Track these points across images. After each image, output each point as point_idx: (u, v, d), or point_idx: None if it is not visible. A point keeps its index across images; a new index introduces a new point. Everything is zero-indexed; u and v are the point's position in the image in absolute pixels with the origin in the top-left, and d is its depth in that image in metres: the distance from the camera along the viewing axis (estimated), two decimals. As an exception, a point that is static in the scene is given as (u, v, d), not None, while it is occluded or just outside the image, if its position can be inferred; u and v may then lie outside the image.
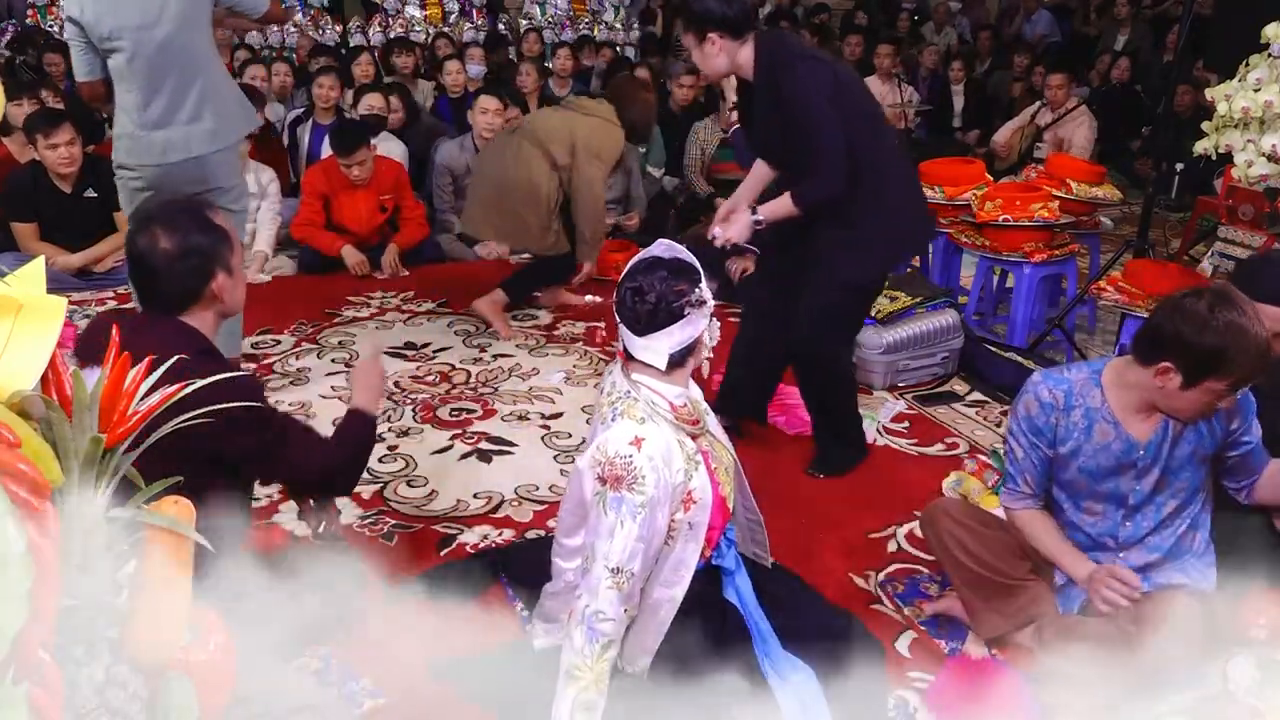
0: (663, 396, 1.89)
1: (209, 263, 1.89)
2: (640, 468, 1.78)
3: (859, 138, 2.70)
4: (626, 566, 1.78)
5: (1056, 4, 10.37)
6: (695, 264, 1.90)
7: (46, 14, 7.85)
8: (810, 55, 2.76)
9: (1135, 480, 2.09)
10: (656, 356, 1.86)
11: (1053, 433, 2.12)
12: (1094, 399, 2.08)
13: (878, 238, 2.85)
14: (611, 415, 1.88)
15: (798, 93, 2.66)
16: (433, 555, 2.62)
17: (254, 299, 4.53)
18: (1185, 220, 5.72)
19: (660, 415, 1.87)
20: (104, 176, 4.65)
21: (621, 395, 1.90)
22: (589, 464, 1.85)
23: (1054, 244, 4.20)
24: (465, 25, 8.87)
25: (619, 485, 1.79)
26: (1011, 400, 3.60)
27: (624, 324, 1.88)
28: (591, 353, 4.06)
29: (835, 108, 2.66)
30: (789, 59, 2.69)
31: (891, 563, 2.63)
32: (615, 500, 1.78)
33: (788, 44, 2.80)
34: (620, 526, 1.78)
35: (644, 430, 1.82)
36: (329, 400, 3.58)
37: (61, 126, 4.52)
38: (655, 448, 1.81)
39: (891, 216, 2.85)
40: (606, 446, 1.81)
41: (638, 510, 1.78)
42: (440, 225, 5.39)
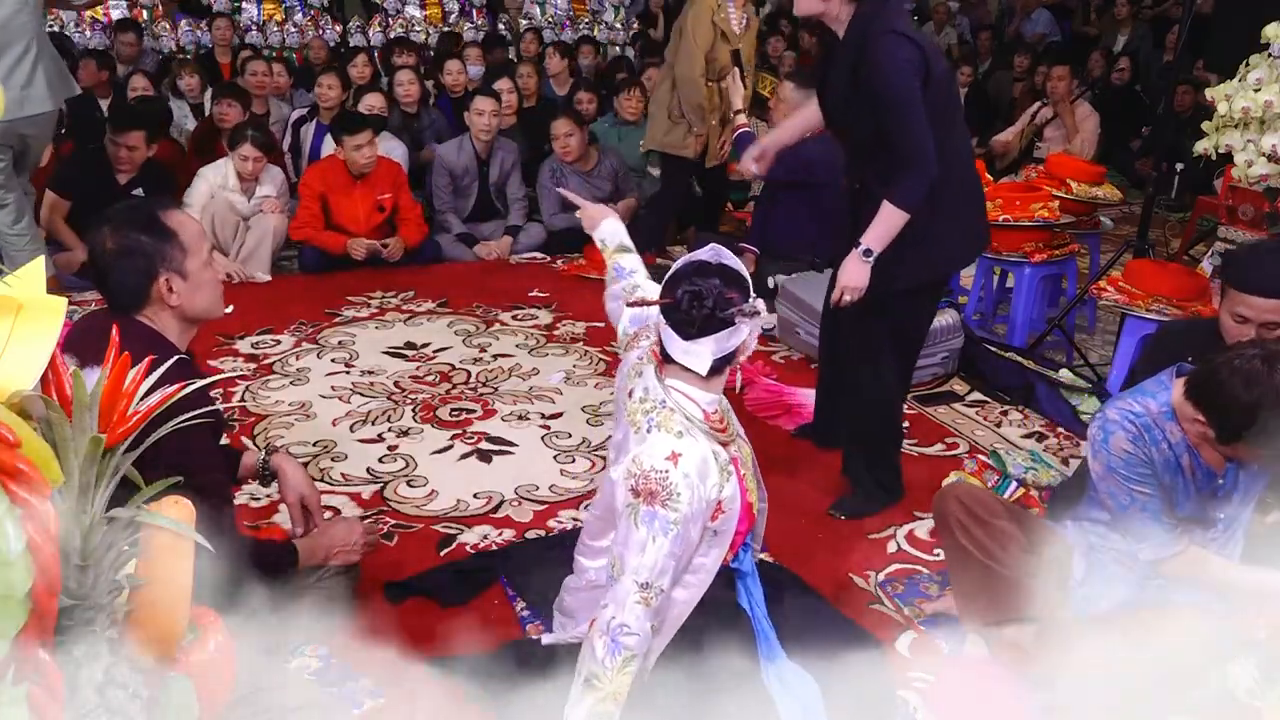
0: (696, 404, 1.84)
1: (151, 263, 1.87)
2: (676, 484, 1.74)
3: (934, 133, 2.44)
4: (656, 582, 1.75)
5: (1056, 4, 10.37)
6: (745, 272, 1.86)
7: (46, 14, 7.84)
8: (904, 30, 2.47)
9: (1218, 508, 2.03)
10: (699, 362, 1.81)
11: (1151, 465, 1.98)
12: (1174, 433, 1.97)
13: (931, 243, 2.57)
14: (647, 425, 1.84)
15: (883, 63, 2.41)
16: (433, 555, 2.62)
17: (254, 299, 4.58)
18: (1185, 220, 5.72)
19: (696, 426, 1.83)
20: (155, 177, 4.80)
21: (657, 405, 1.85)
22: (623, 475, 1.80)
23: (1054, 244, 4.20)
24: (465, 25, 8.87)
25: (653, 500, 1.75)
26: (1011, 401, 3.63)
27: (673, 326, 1.82)
28: (591, 353, 4.06)
29: (919, 90, 2.42)
30: (884, 28, 2.43)
31: (891, 563, 2.63)
32: (649, 515, 1.75)
33: (889, 14, 2.49)
34: (652, 542, 1.74)
35: (681, 445, 1.78)
36: (329, 400, 3.58)
37: (133, 132, 4.70)
38: (691, 463, 1.77)
39: (946, 224, 2.58)
40: (642, 460, 1.77)
41: (670, 526, 1.74)
42: (440, 225, 5.40)
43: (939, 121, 2.46)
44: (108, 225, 1.90)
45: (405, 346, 4.10)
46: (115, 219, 1.91)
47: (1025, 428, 3.47)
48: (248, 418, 3.45)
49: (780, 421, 3.44)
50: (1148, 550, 2.02)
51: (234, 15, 8.23)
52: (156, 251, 1.88)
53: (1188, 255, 4.89)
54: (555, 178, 5.45)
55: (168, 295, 1.89)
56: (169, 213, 1.95)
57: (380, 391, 3.66)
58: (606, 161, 5.54)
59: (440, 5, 8.97)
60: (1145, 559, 2.04)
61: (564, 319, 4.45)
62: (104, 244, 1.88)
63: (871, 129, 2.49)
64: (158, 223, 1.90)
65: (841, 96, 2.58)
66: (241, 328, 4.19)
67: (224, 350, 4.01)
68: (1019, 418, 3.54)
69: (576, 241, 5.33)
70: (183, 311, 1.92)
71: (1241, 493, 2.03)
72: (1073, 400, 3.55)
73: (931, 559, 2.61)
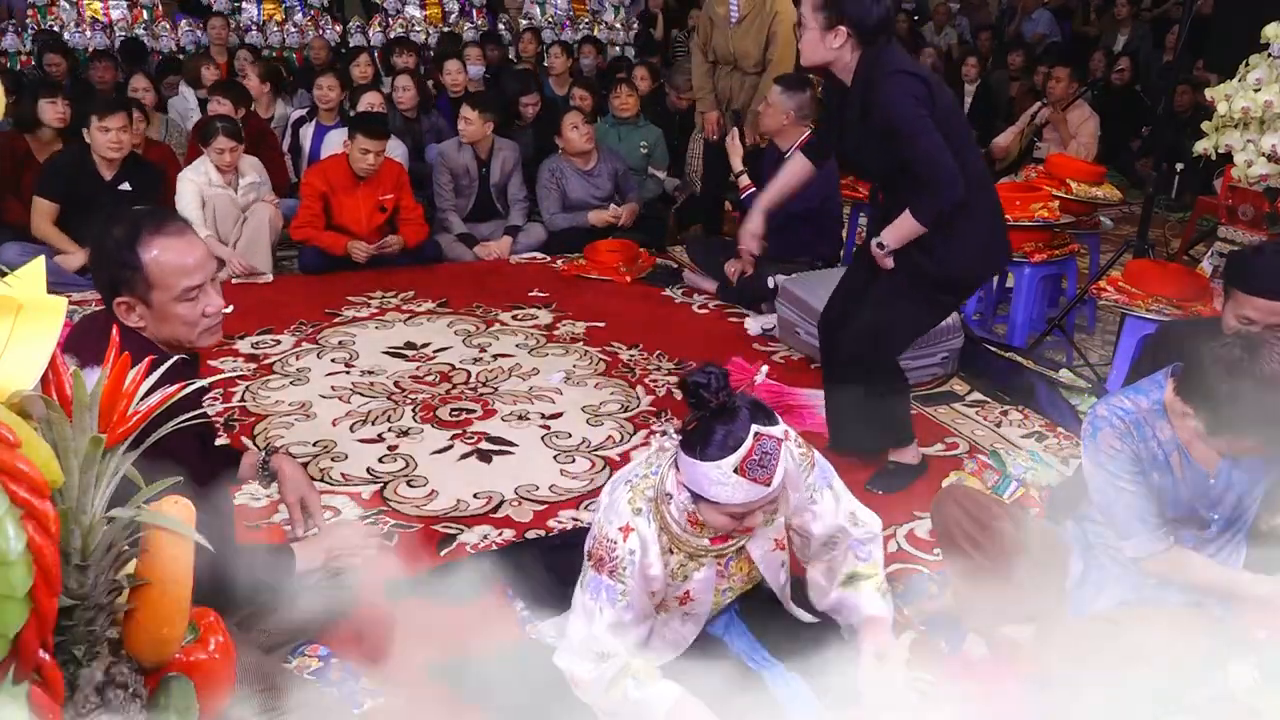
0: (682, 500, 1.77)
1: (114, 281, 1.82)
2: (622, 559, 1.75)
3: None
4: (611, 645, 1.76)
5: (1057, 4, 10.37)
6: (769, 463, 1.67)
7: (47, 14, 7.86)
8: (908, 69, 2.60)
9: (1211, 509, 2.01)
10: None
11: (1138, 462, 1.98)
12: (1164, 431, 1.97)
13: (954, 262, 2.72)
14: (626, 478, 1.84)
15: (893, 99, 2.52)
16: (433, 555, 2.62)
17: (254, 299, 4.58)
18: (1185, 220, 5.72)
19: (666, 511, 1.78)
20: (143, 173, 4.77)
21: (649, 471, 1.82)
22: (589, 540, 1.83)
23: (1054, 244, 4.20)
24: (465, 25, 8.87)
25: (601, 567, 1.77)
26: (1011, 401, 3.63)
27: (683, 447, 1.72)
28: (591, 353, 4.06)
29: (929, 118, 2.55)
30: (889, 69, 2.55)
31: (891, 563, 2.62)
32: (595, 583, 1.77)
33: (893, 56, 2.61)
34: (599, 613, 1.76)
35: (636, 521, 1.77)
36: (329, 400, 3.58)
37: (118, 113, 4.63)
38: (638, 542, 1.76)
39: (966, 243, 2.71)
40: (602, 525, 1.79)
41: (617, 598, 1.76)
42: (440, 225, 5.40)
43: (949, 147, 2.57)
44: (104, 224, 1.88)
45: (405, 346, 4.10)
46: (112, 219, 1.88)
47: (1025, 428, 3.47)
48: (248, 418, 3.45)
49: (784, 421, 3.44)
50: (1131, 547, 2.01)
51: (234, 15, 8.23)
52: (119, 273, 1.81)
53: (1188, 255, 4.90)
54: (556, 177, 5.45)
55: (127, 315, 1.83)
56: (156, 237, 1.81)
57: (380, 391, 3.66)
58: (607, 162, 5.54)
59: (440, 5, 8.96)
60: (1129, 556, 2.04)
61: (564, 319, 4.45)
62: (95, 240, 1.87)
63: (893, 165, 2.61)
64: (131, 243, 1.80)
65: (857, 139, 2.68)
66: (241, 328, 4.19)
67: (224, 350, 4.01)
68: (1019, 418, 3.54)
69: (576, 241, 5.34)
70: (150, 334, 1.86)
71: (1236, 494, 2.01)
72: (1073, 400, 3.55)
73: (931, 559, 2.61)
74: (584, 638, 1.78)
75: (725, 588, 1.93)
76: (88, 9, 7.94)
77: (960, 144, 2.65)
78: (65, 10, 7.85)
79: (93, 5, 7.97)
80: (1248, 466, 1.98)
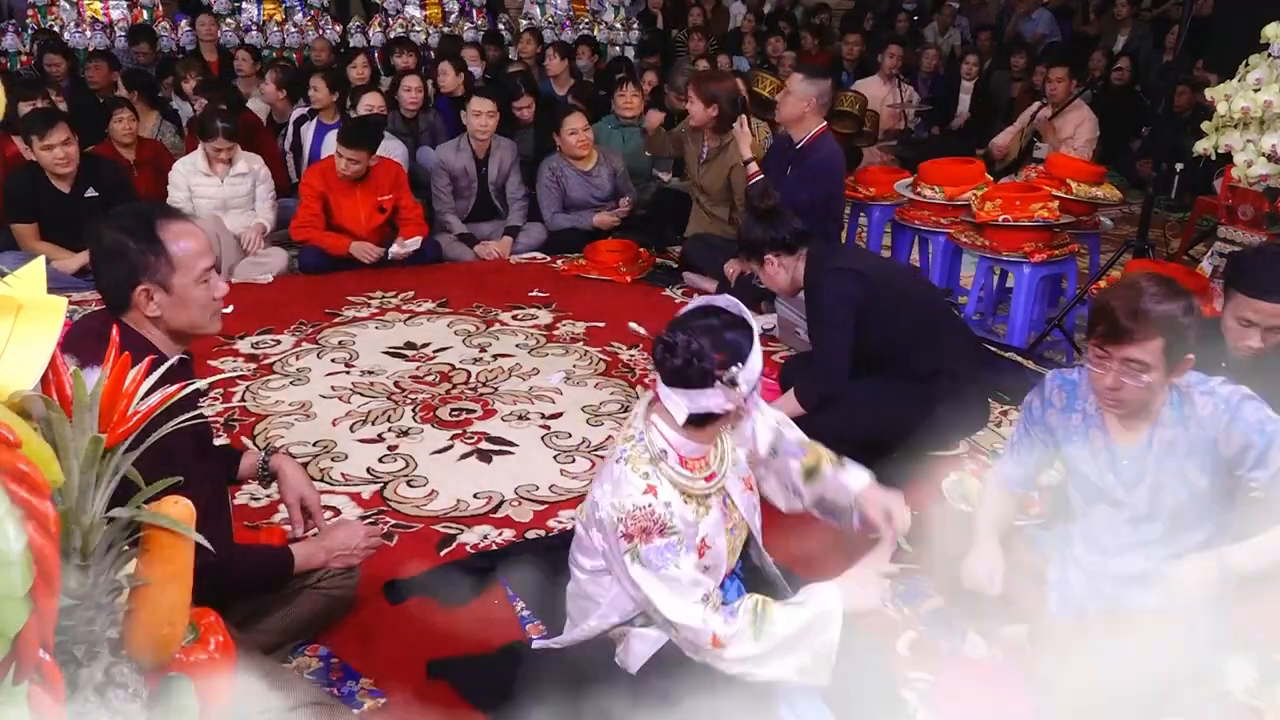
0: (672, 448, 1.83)
1: (132, 271, 1.83)
2: (660, 514, 1.77)
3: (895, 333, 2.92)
4: (704, 583, 1.80)
5: (1057, 4, 10.37)
6: (745, 340, 1.81)
7: (47, 14, 7.86)
8: (846, 268, 2.95)
9: (1126, 491, 2.04)
10: (676, 410, 1.80)
11: (1048, 431, 2.13)
12: (1091, 404, 2.06)
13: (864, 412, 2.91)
14: (620, 455, 1.85)
15: (823, 300, 2.96)
16: (433, 555, 2.62)
17: (254, 299, 4.58)
18: (1185, 220, 5.73)
19: (665, 467, 1.82)
20: (105, 176, 4.68)
21: (635, 436, 1.85)
22: (609, 523, 1.81)
23: (1054, 244, 4.20)
24: (465, 25, 8.86)
25: (649, 536, 1.77)
26: (1011, 401, 3.63)
27: (655, 365, 1.82)
28: (591, 353, 4.06)
29: (860, 314, 2.89)
30: (825, 269, 2.96)
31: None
32: (651, 551, 1.77)
33: (831, 255, 3.06)
34: (677, 568, 1.77)
35: (651, 481, 1.80)
36: (329, 400, 3.58)
37: (56, 127, 4.48)
38: (666, 493, 1.80)
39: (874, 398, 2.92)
40: (623, 503, 1.78)
41: (678, 547, 1.78)
42: (440, 225, 5.40)
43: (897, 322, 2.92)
44: (108, 223, 1.88)
45: (405, 346, 4.10)
46: (116, 217, 1.89)
47: (1025, 428, 3.46)
48: (248, 418, 3.45)
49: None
50: (992, 472, 2.30)
51: (234, 15, 8.23)
52: (140, 260, 1.83)
53: (1188, 255, 4.90)
54: (555, 177, 5.45)
55: (145, 305, 1.85)
56: (169, 223, 1.87)
57: (380, 391, 3.66)
58: (606, 162, 5.54)
59: (440, 5, 8.96)
60: (990, 485, 2.29)
61: (564, 319, 4.45)
62: (101, 240, 1.86)
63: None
64: (149, 230, 1.84)
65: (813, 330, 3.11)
66: (241, 328, 4.20)
67: (224, 350, 4.01)
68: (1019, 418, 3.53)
69: (576, 241, 5.34)
70: (164, 324, 1.88)
71: (1148, 486, 2.01)
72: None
73: (931, 559, 2.60)
74: (684, 599, 1.77)
75: (731, 526, 1.96)
76: (88, 9, 7.94)
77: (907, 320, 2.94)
78: (65, 10, 7.84)
79: (93, 5, 7.97)
80: (1161, 460, 1.98)
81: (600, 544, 1.87)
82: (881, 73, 7.38)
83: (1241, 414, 1.90)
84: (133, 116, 5.34)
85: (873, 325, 2.92)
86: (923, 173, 4.76)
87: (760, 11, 10.25)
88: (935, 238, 4.64)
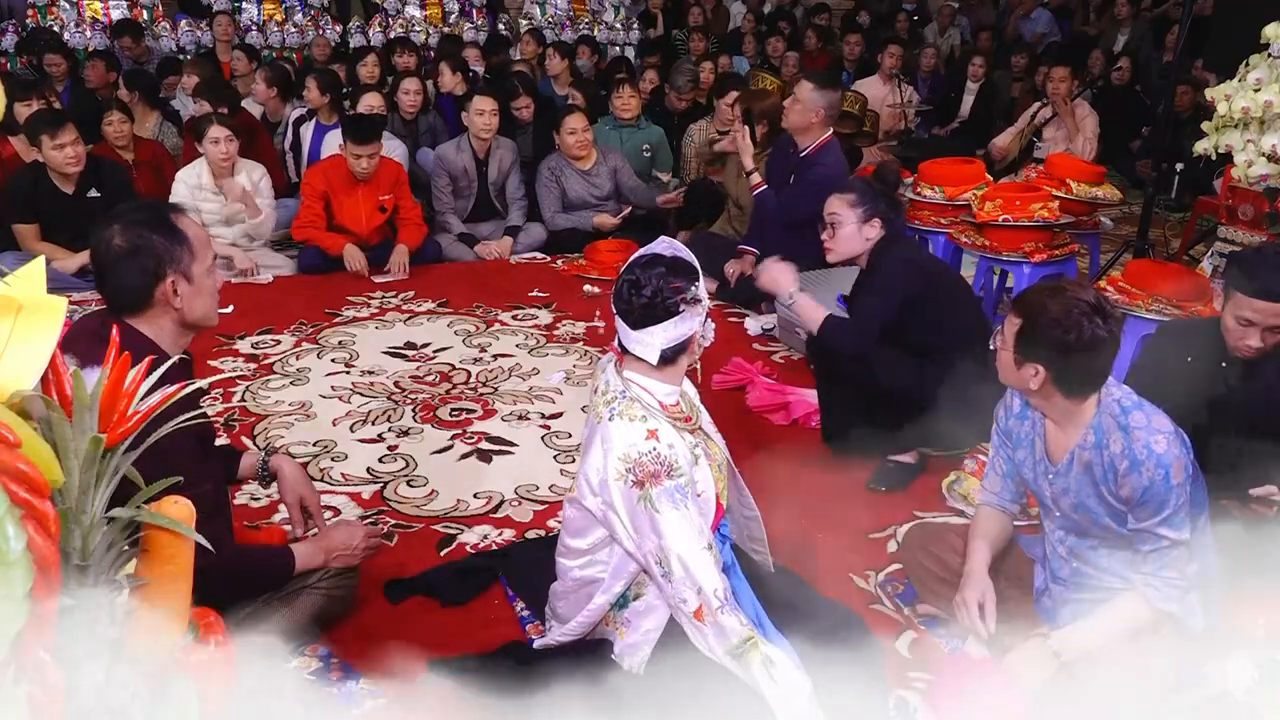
0: (653, 395, 1.92)
1: (159, 264, 1.84)
2: (666, 456, 1.84)
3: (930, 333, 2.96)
4: (706, 533, 1.85)
5: (1056, 4, 10.36)
6: (694, 263, 1.92)
7: (47, 14, 7.85)
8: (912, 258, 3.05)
9: (1054, 503, 2.07)
10: (649, 351, 1.88)
11: (1008, 437, 2.17)
12: (1038, 413, 2.07)
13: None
14: (609, 414, 1.90)
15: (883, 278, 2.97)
16: (433, 555, 2.62)
17: (254, 299, 4.58)
18: (1185, 220, 5.73)
19: (656, 413, 1.90)
20: (107, 177, 4.69)
21: (617, 395, 1.92)
22: (615, 476, 1.84)
23: (1054, 244, 4.20)
24: (465, 25, 8.86)
25: (658, 479, 1.83)
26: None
27: (619, 316, 1.90)
28: (591, 353, 4.06)
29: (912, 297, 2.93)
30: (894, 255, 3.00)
31: (892, 563, 2.63)
32: (662, 493, 1.82)
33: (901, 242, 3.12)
34: (685, 509, 1.83)
35: (651, 424, 1.87)
36: (329, 400, 3.58)
37: (65, 127, 4.52)
38: (668, 435, 1.87)
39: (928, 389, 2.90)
40: (628, 452, 1.84)
41: (686, 489, 1.84)
42: (440, 225, 5.40)
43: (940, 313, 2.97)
44: (117, 223, 1.87)
45: (405, 346, 4.10)
46: (125, 217, 1.88)
47: (1025, 428, 3.46)
48: (248, 418, 3.45)
49: (778, 418, 3.45)
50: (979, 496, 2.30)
51: (234, 15, 8.22)
52: (167, 252, 1.85)
53: (1188, 255, 4.90)
54: (555, 177, 5.45)
55: (172, 298, 1.87)
56: (179, 215, 1.92)
57: (380, 391, 3.66)
58: (606, 161, 5.54)
59: (440, 5, 8.95)
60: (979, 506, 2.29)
61: (564, 319, 4.45)
62: (111, 241, 1.85)
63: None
64: (169, 223, 1.88)
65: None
66: (241, 328, 4.20)
67: (224, 350, 4.01)
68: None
69: (576, 241, 5.34)
70: (183, 316, 1.90)
71: (1070, 501, 2.02)
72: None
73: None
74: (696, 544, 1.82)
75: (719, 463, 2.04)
76: (88, 9, 7.94)
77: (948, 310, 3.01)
78: (65, 10, 7.84)
79: (93, 5, 7.96)
80: (1080, 480, 1.98)
81: (599, 509, 1.90)
82: (881, 73, 7.39)
83: (1139, 469, 1.87)
84: (124, 118, 5.28)
85: (920, 317, 2.95)
86: (923, 173, 4.76)
87: (760, 11, 10.24)
88: (935, 238, 4.63)
